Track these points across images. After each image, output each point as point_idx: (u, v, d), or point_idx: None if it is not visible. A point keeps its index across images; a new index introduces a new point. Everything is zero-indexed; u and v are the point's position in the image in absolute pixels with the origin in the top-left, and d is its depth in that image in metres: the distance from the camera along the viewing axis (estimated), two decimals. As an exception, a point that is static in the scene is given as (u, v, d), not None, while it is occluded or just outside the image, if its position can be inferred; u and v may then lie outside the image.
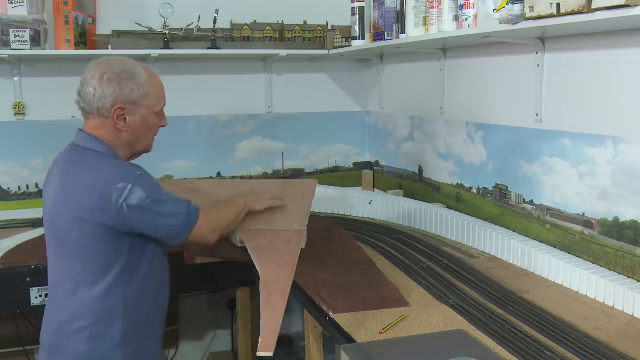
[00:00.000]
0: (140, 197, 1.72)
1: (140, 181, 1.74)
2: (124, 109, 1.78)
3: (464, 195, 2.75)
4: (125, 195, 1.70)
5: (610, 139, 1.94)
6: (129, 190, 1.70)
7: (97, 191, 1.70)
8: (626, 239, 1.90)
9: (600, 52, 1.97)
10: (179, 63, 3.31)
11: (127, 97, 1.78)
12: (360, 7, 2.94)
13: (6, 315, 2.97)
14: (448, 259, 2.31)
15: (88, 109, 1.80)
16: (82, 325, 1.78)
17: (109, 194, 1.70)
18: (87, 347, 1.77)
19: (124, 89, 1.77)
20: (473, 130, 2.65)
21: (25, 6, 2.80)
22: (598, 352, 1.54)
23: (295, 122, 3.54)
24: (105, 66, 1.79)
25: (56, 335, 1.82)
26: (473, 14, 2.16)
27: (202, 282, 2.67)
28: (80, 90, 1.80)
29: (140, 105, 1.81)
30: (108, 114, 1.78)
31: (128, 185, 1.71)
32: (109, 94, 1.76)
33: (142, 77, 1.80)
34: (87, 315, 1.77)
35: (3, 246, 2.55)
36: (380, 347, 1.56)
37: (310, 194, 2.49)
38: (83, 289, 1.78)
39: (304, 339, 2.33)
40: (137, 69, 1.81)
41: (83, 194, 1.72)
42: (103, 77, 1.76)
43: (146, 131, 1.86)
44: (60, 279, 1.83)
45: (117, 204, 1.70)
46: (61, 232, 1.79)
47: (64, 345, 1.80)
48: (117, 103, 1.77)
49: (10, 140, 3.08)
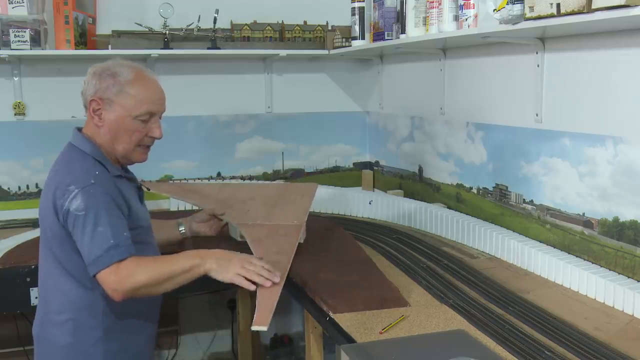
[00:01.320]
0: (78, 206, 1.68)
1: (88, 191, 1.70)
2: (99, 104, 1.80)
3: (464, 195, 2.75)
4: (70, 198, 1.69)
5: (610, 139, 1.94)
6: (73, 195, 1.69)
7: (59, 189, 1.72)
8: (626, 239, 1.90)
9: (600, 52, 1.97)
10: (179, 63, 3.32)
11: (103, 93, 1.79)
12: (360, 7, 2.94)
13: (6, 315, 2.97)
14: (448, 259, 2.31)
15: (83, 103, 1.86)
16: (67, 317, 1.79)
17: (62, 193, 1.71)
18: (71, 339, 1.79)
19: (102, 84, 1.79)
20: (473, 130, 2.65)
21: (25, 6, 2.80)
22: (598, 352, 1.54)
23: (295, 122, 3.54)
24: (101, 65, 1.84)
25: (44, 325, 1.85)
26: (473, 14, 2.16)
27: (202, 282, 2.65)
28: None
29: (114, 103, 1.80)
30: (88, 107, 1.83)
31: (76, 189, 1.70)
32: (90, 87, 1.81)
33: (125, 77, 1.80)
34: (71, 308, 1.79)
35: (3, 246, 2.55)
36: (380, 347, 1.56)
37: (310, 195, 2.52)
38: (66, 283, 1.79)
39: (304, 339, 2.33)
40: (124, 69, 1.82)
41: (51, 190, 1.75)
42: (91, 72, 1.82)
43: (123, 133, 1.82)
44: (46, 271, 1.86)
45: (63, 205, 1.70)
46: (43, 224, 1.82)
47: (50, 336, 1.83)
48: (94, 96, 1.80)
49: (10, 140, 3.08)
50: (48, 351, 1.85)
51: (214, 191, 2.62)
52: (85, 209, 1.67)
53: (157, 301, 1.95)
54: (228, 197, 2.55)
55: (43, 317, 1.86)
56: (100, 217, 1.68)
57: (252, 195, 2.57)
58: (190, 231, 2.28)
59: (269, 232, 2.23)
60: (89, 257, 1.68)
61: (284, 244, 2.15)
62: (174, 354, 3.46)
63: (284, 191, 2.60)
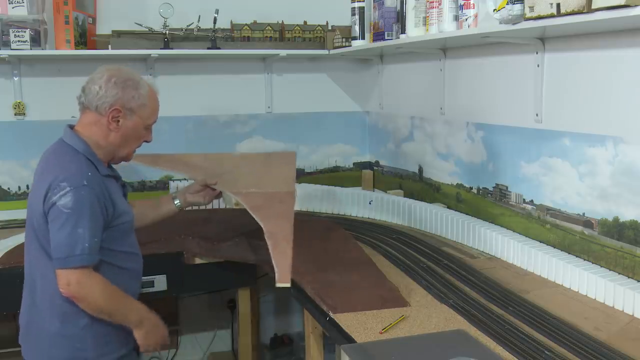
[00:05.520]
0: (66, 203, 1.77)
1: (79, 192, 1.79)
2: (120, 112, 1.90)
3: (464, 195, 2.75)
4: (60, 194, 1.77)
5: (610, 139, 1.94)
6: (64, 192, 1.77)
7: (48, 182, 1.80)
8: (626, 239, 1.90)
9: (600, 52, 1.97)
10: (179, 63, 3.32)
11: (126, 103, 1.90)
12: (360, 7, 2.95)
13: (6, 315, 2.97)
14: (448, 259, 2.31)
15: (87, 103, 1.91)
16: (54, 303, 1.86)
17: (53, 187, 1.78)
18: (60, 325, 1.87)
19: (126, 95, 1.90)
20: (473, 130, 2.65)
21: (25, 6, 2.80)
22: (598, 352, 1.54)
23: (295, 122, 3.54)
24: (115, 72, 1.92)
25: (32, 314, 1.93)
26: (473, 14, 2.16)
27: (202, 282, 2.67)
28: (84, 87, 1.92)
29: (135, 114, 1.93)
30: (105, 112, 1.89)
31: (68, 187, 1.78)
32: (111, 95, 1.89)
33: (144, 89, 1.95)
34: (58, 294, 1.84)
35: (3, 246, 2.55)
36: (380, 347, 1.56)
37: (292, 163, 2.61)
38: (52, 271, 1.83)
39: (304, 339, 2.33)
40: (142, 81, 1.96)
41: (45, 184, 1.81)
42: (110, 79, 1.89)
43: (133, 139, 1.98)
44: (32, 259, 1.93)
45: (51, 198, 1.78)
46: (32, 219, 1.88)
47: (38, 324, 1.91)
48: (115, 104, 1.89)
49: (10, 140, 3.08)
50: (38, 338, 1.93)
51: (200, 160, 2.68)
52: (72, 208, 1.77)
53: (138, 279, 2.05)
54: (214, 167, 2.61)
55: (31, 306, 1.94)
56: (83, 219, 1.78)
57: (237, 165, 2.64)
58: (186, 203, 2.35)
59: (265, 199, 2.29)
60: (61, 252, 1.78)
61: (282, 209, 2.22)
62: (174, 354, 3.46)
63: (266, 160, 2.71)
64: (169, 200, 2.34)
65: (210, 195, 2.39)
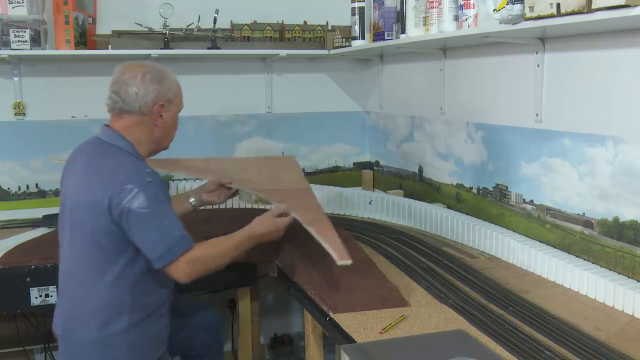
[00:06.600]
0: (140, 204, 1.77)
1: (148, 188, 1.80)
2: (164, 106, 1.93)
3: (464, 195, 2.75)
4: (130, 197, 1.77)
5: (610, 139, 1.94)
6: (134, 194, 1.77)
7: (111, 186, 1.79)
8: (626, 239, 1.90)
9: (600, 52, 1.97)
10: (179, 63, 3.31)
11: (165, 95, 1.93)
12: (360, 7, 2.94)
13: (6, 315, 2.97)
14: (448, 259, 2.31)
15: (128, 107, 1.90)
16: (94, 312, 1.85)
17: (119, 192, 1.78)
18: (97, 334, 1.86)
19: (163, 88, 1.93)
20: (473, 130, 2.65)
21: (25, 6, 2.80)
22: (598, 352, 1.54)
23: (295, 122, 3.54)
24: (143, 68, 1.92)
25: (69, 321, 1.91)
26: (473, 14, 2.16)
27: (202, 282, 2.66)
28: (117, 91, 1.90)
29: (173, 103, 1.98)
30: (148, 111, 1.91)
31: (135, 188, 1.78)
32: (151, 92, 1.90)
33: (172, 76, 1.99)
34: (97, 304, 1.85)
35: (3, 246, 2.55)
36: (380, 347, 1.56)
37: (295, 165, 2.64)
38: (93, 278, 1.85)
39: (304, 339, 2.33)
40: (166, 70, 1.98)
41: (100, 186, 1.81)
42: (145, 77, 1.90)
43: (173, 127, 2.02)
44: (72, 267, 1.91)
45: (120, 203, 1.77)
46: (79, 219, 1.86)
47: (75, 332, 1.89)
48: (158, 100, 1.92)
49: (10, 140, 3.08)
50: (73, 345, 1.91)
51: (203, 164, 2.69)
52: (148, 206, 1.77)
53: (171, 288, 2.04)
54: (219, 169, 2.62)
55: (68, 313, 1.91)
56: (163, 211, 1.82)
57: (243, 167, 2.65)
58: (200, 202, 2.37)
59: (285, 195, 2.30)
60: (157, 250, 1.79)
61: (307, 201, 2.26)
62: (174, 354, 3.46)
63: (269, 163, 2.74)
64: (184, 199, 2.36)
65: (225, 194, 2.40)
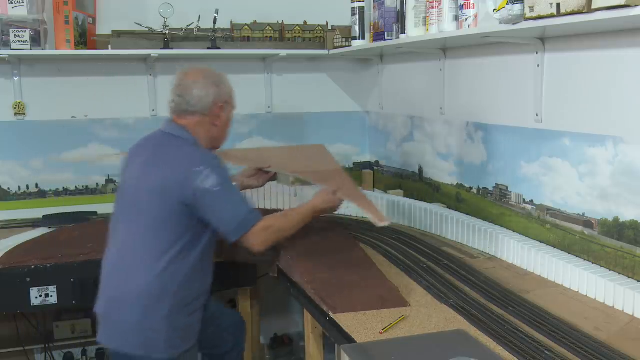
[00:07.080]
0: (213, 182, 1.93)
1: (217, 168, 1.97)
2: (223, 107, 2.11)
3: (464, 195, 2.75)
4: (202, 178, 1.93)
5: (610, 139, 1.94)
6: (206, 174, 1.93)
7: (182, 170, 1.95)
8: (626, 239, 1.90)
9: (600, 52, 1.97)
10: (179, 63, 3.30)
11: (223, 97, 2.12)
12: (360, 7, 2.95)
13: (6, 315, 2.97)
14: (448, 259, 2.31)
15: (192, 109, 2.07)
16: (138, 295, 1.95)
17: (190, 175, 1.93)
18: (140, 317, 1.96)
19: (221, 90, 2.11)
20: (473, 130, 2.65)
21: (25, 6, 2.80)
22: (598, 352, 1.54)
23: (295, 122, 3.54)
24: (203, 72, 2.11)
25: (112, 304, 2.01)
26: (473, 14, 2.16)
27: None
28: (181, 94, 2.07)
29: (229, 104, 2.16)
30: (208, 111, 2.08)
31: (206, 169, 1.94)
32: (212, 94, 2.08)
33: (227, 79, 2.17)
34: (145, 289, 1.95)
35: (3, 246, 2.55)
36: (380, 347, 1.56)
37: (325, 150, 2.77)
38: (146, 263, 1.96)
39: (304, 339, 2.33)
40: (221, 73, 2.16)
41: (170, 170, 1.97)
42: (206, 80, 2.08)
43: (228, 127, 2.19)
44: (126, 252, 2.01)
45: (192, 185, 1.92)
46: (142, 204, 1.99)
47: (118, 315, 1.99)
48: (218, 101, 2.09)
49: (10, 140, 3.08)
50: (114, 324, 2.01)
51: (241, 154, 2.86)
52: (220, 184, 1.94)
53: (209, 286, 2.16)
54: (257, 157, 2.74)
55: (112, 296, 2.01)
56: (233, 188, 2.01)
57: (275, 154, 2.80)
58: (242, 186, 2.51)
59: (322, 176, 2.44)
60: (232, 222, 1.97)
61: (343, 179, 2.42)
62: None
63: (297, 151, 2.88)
64: None
65: (264, 178, 2.57)
